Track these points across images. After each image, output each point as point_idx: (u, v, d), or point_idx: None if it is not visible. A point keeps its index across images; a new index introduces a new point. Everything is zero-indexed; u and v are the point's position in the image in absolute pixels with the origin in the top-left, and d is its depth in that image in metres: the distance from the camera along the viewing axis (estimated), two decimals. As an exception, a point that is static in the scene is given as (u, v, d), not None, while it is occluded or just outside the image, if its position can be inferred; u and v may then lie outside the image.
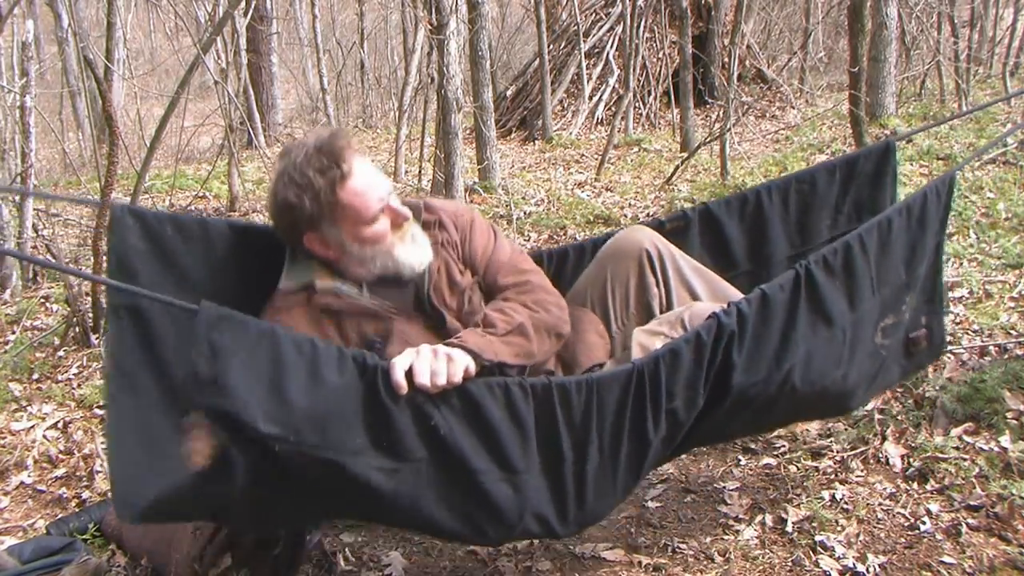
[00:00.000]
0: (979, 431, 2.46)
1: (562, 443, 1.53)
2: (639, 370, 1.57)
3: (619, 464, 1.60)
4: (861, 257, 1.76)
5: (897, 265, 1.86)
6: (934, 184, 1.93)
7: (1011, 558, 1.96)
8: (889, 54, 7.47)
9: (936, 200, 1.92)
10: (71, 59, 11.16)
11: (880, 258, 1.81)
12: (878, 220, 1.81)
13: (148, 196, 6.67)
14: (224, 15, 4.18)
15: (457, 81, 3.64)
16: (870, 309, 1.82)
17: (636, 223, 2.34)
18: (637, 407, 1.57)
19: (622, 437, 1.58)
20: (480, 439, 1.46)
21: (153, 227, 1.57)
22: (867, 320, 1.82)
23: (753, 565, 2.03)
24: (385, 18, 15.06)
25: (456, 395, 1.44)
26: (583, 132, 10.01)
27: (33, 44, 4.15)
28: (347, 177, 1.57)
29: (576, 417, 1.53)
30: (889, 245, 1.83)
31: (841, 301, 1.74)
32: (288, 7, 17.14)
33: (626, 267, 1.91)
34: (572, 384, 1.54)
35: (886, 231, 1.82)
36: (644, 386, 1.56)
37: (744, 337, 1.61)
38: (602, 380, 1.56)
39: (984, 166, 5.58)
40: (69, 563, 2.10)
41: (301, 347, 1.34)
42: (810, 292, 1.69)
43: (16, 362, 3.51)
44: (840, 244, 1.74)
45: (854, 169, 2.18)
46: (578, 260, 2.18)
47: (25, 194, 3.98)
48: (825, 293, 1.70)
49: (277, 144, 11.49)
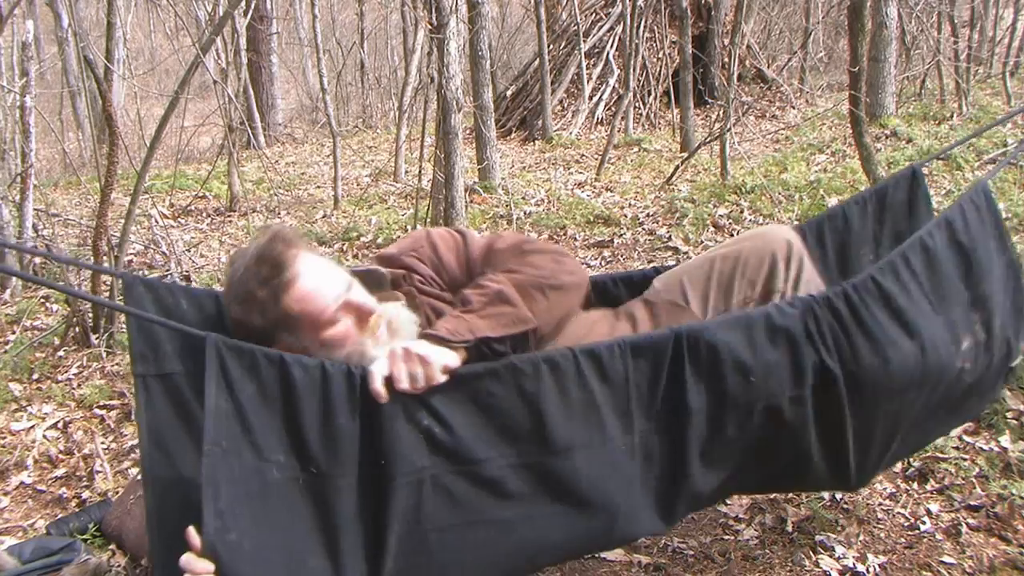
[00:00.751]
0: (979, 431, 2.46)
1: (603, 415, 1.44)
2: (678, 335, 1.49)
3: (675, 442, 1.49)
4: (909, 277, 1.67)
5: (954, 282, 1.76)
6: (968, 195, 1.85)
7: (1011, 558, 1.96)
8: (889, 54, 7.47)
9: (975, 211, 1.83)
10: (71, 59, 11.16)
11: (931, 275, 1.71)
12: (919, 236, 1.72)
13: (148, 196, 6.66)
14: (224, 15, 4.18)
15: (457, 81, 3.64)
16: (935, 328, 1.71)
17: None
18: (673, 374, 1.48)
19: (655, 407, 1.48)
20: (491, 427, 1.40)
21: (165, 300, 1.53)
22: (940, 340, 1.71)
23: (753, 565, 2.03)
24: (385, 18, 15.06)
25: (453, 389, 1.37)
26: (583, 132, 10.01)
27: (33, 44, 4.15)
28: (291, 284, 1.44)
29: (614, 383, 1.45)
30: (936, 262, 1.72)
31: (904, 318, 1.64)
32: (288, 7, 17.13)
33: (765, 250, 1.79)
34: (603, 348, 1.45)
35: (931, 247, 1.72)
36: (683, 353, 1.48)
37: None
38: (636, 343, 1.47)
39: (984, 167, 5.58)
40: (69, 563, 2.11)
41: (308, 371, 1.32)
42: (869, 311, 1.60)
43: (16, 362, 3.51)
44: (886, 263, 1.65)
45: (884, 200, 2.11)
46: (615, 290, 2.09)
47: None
48: (901, 303, 1.62)
49: (277, 144, 11.50)
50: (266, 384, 1.30)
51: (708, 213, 5.21)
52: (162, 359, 1.33)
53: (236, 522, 1.24)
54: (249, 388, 1.29)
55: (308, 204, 7.07)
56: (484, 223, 5.60)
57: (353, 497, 1.35)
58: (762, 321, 1.54)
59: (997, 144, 6.02)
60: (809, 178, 5.84)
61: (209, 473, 1.23)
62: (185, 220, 6.69)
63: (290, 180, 8.31)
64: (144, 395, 1.32)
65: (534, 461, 1.43)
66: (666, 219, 5.31)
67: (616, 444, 1.47)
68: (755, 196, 5.45)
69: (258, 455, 1.29)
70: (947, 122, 7.41)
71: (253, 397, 1.29)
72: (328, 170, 8.19)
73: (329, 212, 6.57)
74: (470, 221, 5.34)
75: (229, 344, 1.29)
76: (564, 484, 1.45)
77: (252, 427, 1.28)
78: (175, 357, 1.34)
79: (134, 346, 1.34)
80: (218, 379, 1.26)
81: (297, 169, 9.27)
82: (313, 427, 1.32)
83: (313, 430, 1.32)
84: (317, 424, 1.33)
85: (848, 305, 1.57)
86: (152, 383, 1.32)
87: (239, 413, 1.28)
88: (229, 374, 1.28)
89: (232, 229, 6.31)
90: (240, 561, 1.23)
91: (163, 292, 1.54)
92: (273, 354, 1.32)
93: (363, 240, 5.54)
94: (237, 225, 6.40)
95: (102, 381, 3.34)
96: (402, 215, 6.15)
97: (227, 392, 1.27)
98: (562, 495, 1.45)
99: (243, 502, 1.26)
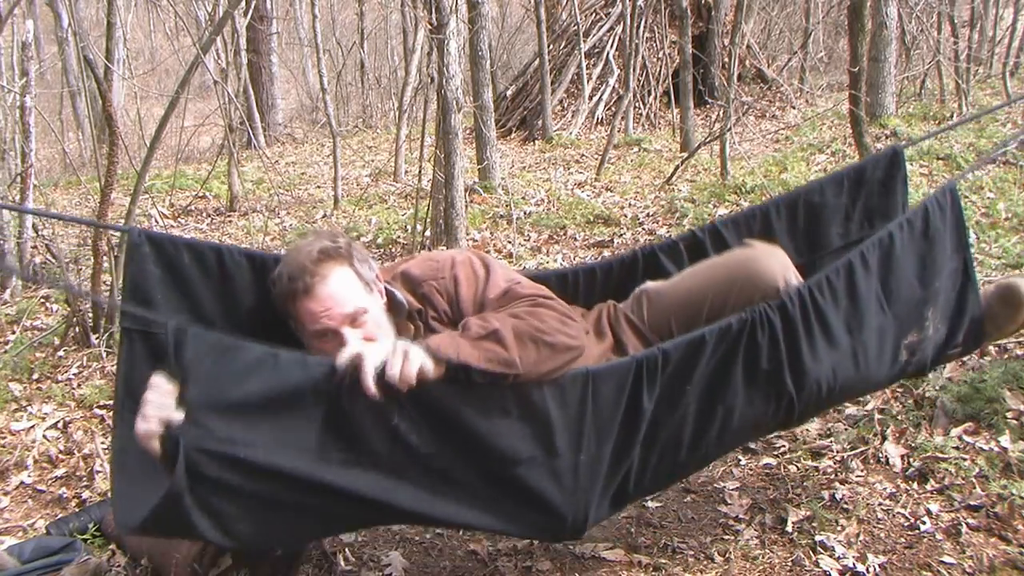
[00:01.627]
0: (979, 431, 2.46)
1: (555, 436, 1.54)
2: (638, 361, 1.58)
3: (604, 457, 1.59)
4: (863, 275, 1.76)
5: (909, 280, 1.84)
6: (934, 196, 1.92)
7: (1011, 558, 1.96)
8: (889, 54, 7.47)
9: (939, 212, 1.90)
10: (71, 59, 11.15)
11: (885, 275, 1.80)
12: (879, 236, 1.81)
13: (148, 196, 6.67)
14: (224, 15, 4.18)
15: (457, 81, 3.64)
16: (882, 326, 1.80)
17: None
18: (633, 396, 1.58)
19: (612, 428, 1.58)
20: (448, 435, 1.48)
21: (170, 253, 1.60)
22: (883, 337, 1.81)
23: (753, 565, 2.03)
24: (385, 18, 15.06)
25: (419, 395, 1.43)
26: (583, 132, 10.01)
27: (33, 44, 4.15)
28: (304, 292, 1.62)
29: (572, 410, 1.54)
30: (893, 260, 1.81)
31: (842, 322, 1.74)
32: (288, 7, 17.13)
33: (755, 294, 1.76)
34: (567, 377, 1.54)
35: (887, 246, 1.81)
36: (642, 378, 1.57)
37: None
38: (599, 373, 1.56)
39: (984, 166, 5.58)
40: (69, 563, 2.11)
41: (262, 360, 1.36)
42: (815, 314, 1.70)
43: (16, 362, 3.51)
44: (842, 264, 1.74)
45: (863, 177, 2.18)
46: (589, 282, 2.17)
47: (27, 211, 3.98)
48: (828, 315, 1.71)
49: (277, 144, 11.50)
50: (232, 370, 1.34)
51: (708, 213, 5.21)
52: (149, 317, 1.40)
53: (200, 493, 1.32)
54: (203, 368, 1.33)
55: (308, 204, 7.07)
56: (484, 223, 5.60)
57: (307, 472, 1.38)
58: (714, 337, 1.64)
59: (997, 144, 6.03)
60: (809, 178, 5.84)
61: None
62: (185, 220, 6.69)
63: (290, 180, 8.30)
64: (127, 347, 1.40)
65: (486, 469, 1.52)
66: (666, 219, 5.31)
67: (563, 460, 1.56)
68: (755, 196, 5.45)
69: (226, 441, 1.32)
70: (947, 122, 7.41)
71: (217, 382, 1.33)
72: (328, 170, 8.19)
73: (329, 212, 6.57)
74: (470, 221, 5.34)
75: (194, 333, 1.33)
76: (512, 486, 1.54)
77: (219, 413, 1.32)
78: (161, 314, 1.41)
79: (125, 300, 1.42)
80: (186, 367, 1.31)
81: (297, 169, 9.27)
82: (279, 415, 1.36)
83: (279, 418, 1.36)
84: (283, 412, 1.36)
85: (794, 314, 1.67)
86: (136, 337, 1.40)
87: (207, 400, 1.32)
88: (194, 361, 1.32)
89: (232, 229, 6.31)
90: None
91: (167, 246, 1.60)
92: (239, 343, 1.37)
93: (363, 240, 5.54)
94: (237, 225, 6.40)
95: (102, 381, 3.34)
96: (402, 215, 6.15)
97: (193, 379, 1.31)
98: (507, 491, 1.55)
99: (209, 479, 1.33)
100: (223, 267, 1.71)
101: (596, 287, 2.16)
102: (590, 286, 2.16)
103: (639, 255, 2.18)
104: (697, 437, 1.67)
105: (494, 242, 5.17)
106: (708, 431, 1.67)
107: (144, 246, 1.55)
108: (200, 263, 1.66)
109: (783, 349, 1.67)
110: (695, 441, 1.68)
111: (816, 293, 1.70)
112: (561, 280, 2.13)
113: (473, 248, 1.86)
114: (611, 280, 2.17)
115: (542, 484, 1.55)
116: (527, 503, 1.56)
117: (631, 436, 1.61)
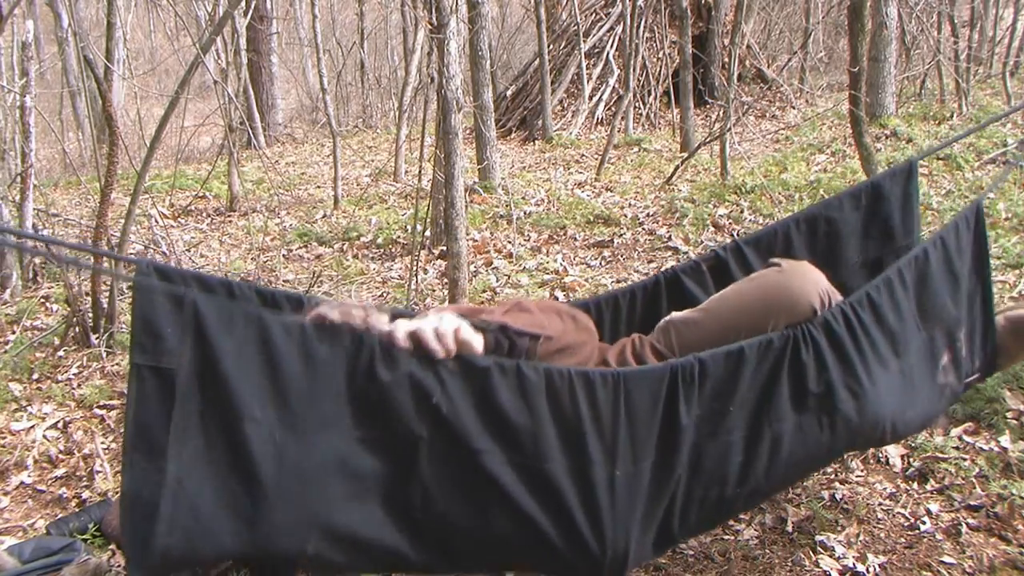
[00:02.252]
0: (979, 431, 2.46)
1: (587, 441, 1.45)
2: (673, 368, 1.50)
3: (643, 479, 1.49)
4: (902, 293, 1.72)
5: (943, 300, 1.81)
6: (963, 213, 1.90)
7: (1011, 558, 1.96)
8: (889, 54, 7.46)
9: (966, 230, 1.88)
10: (71, 59, 11.15)
11: (920, 293, 1.76)
12: (914, 254, 1.76)
13: (148, 196, 6.66)
14: (224, 15, 4.18)
15: (457, 81, 3.64)
16: (920, 347, 1.76)
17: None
18: (669, 407, 1.49)
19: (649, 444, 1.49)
20: (485, 419, 1.42)
21: (177, 286, 1.54)
22: (921, 358, 1.77)
23: (753, 565, 2.03)
24: (385, 18, 15.06)
25: (460, 369, 1.40)
26: (583, 132, 10.01)
27: (33, 44, 4.15)
28: None
29: (604, 414, 1.46)
30: (929, 279, 1.77)
31: (887, 342, 1.69)
32: (288, 7, 17.13)
33: (790, 320, 1.68)
34: (597, 376, 1.46)
35: (923, 264, 1.77)
36: (677, 387, 1.48)
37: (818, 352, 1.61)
38: (630, 375, 1.49)
39: (984, 166, 5.58)
40: (69, 563, 2.10)
41: (290, 330, 1.34)
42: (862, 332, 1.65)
43: (16, 362, 3.51)
44: (881, 280, 1.69)
45: (880, 192, 2.15)
46: (613, 314, 2.13)
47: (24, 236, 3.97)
48: (873, 334, 1.66)
49: (277, 144, 11.50)
50: (244, 341, 1.32)
51: (708, 213, 5.21)
52: (160, 352, 1.34)
53: (198, 471, 1.30)
54: (226, 344, 1.31)
55: (308, 204, 7.07)
56: (484, 223, 5.60)
57: (331, 452, 1.37)
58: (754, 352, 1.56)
59: (997, 144, 6.02)
60: (809, 178, 5.84)
61: (179, 425, 1.29)
62: (185, 220, 6.69)
63: (290, 180, 8.30)
64: (137, 384, 1.35)
65: (520, 463, 1.44)
66: (666, 219, 5.31)
67: (598, 472, 1.47)
68: (755, 196, 5.45)
69: (231, 411, 1.31)
70: (947, 122, 7.41)
71: (230, 354, 1.31)
72: (328, 170, 8.18)
73: (329, 212, 6.57)
74: (470, 221, 5.34)
75: (209, 300, 1.31)
76: (546, 489, 1.46)
77: (227, 383, 1.31)
78: (174, 353, 1.35)
79: (135, 335, 1.36)
80: (195, 334, 1.29)
81: (297, 169, 9.27)
82: (291, 386, 1.34)
83: (291, 389, 1.34)
84: (296, 382, 1.34)
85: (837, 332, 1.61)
86: (146, 374, 1.34)
87: (214, 369, 1.30)
88: (205, 329, 1.30)
89: (232, 229, 6.31)
90: (196, 505, 1.29)
91: (175, 279, 1.59)
92: (252, 312, 1.35)
93: (363, 240, 5.54)
94: (237, 225, 6.40)
95: (102, 381, 3.34)
96: (402, 215, 6.15)
97: (202, 347, 1.29)
98: (539, 498, 1.46)
99: (209, 453, 1.30)
100: (232, 300, 1.68)
101: (621, 318, 2.11)
102: (615, 318, 2.10)
103: (661, 280, 2.12)
104: (746, 468, 1.57)
105: (494, 242, 5.17)
106: (757, 461, 1.57)
107: (153, 278, 1.52)
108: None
109: (831, 369, 1.59)
110: (744, 472, 1.57)
111: (860, 310, 1.63)
112: (584, 312, 2.10)
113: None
114: (635, 309, 2.12)
115: (577, 494, 1.46)
116: (561, 517, 1.46)
117: (671, 457, 1.52)
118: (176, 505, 1.29)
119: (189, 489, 1.29)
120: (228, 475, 1.33)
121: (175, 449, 1.29)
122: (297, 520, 1.38)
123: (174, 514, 1.28)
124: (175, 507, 1.29)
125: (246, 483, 1.33)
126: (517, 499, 1.44)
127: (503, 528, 1.46)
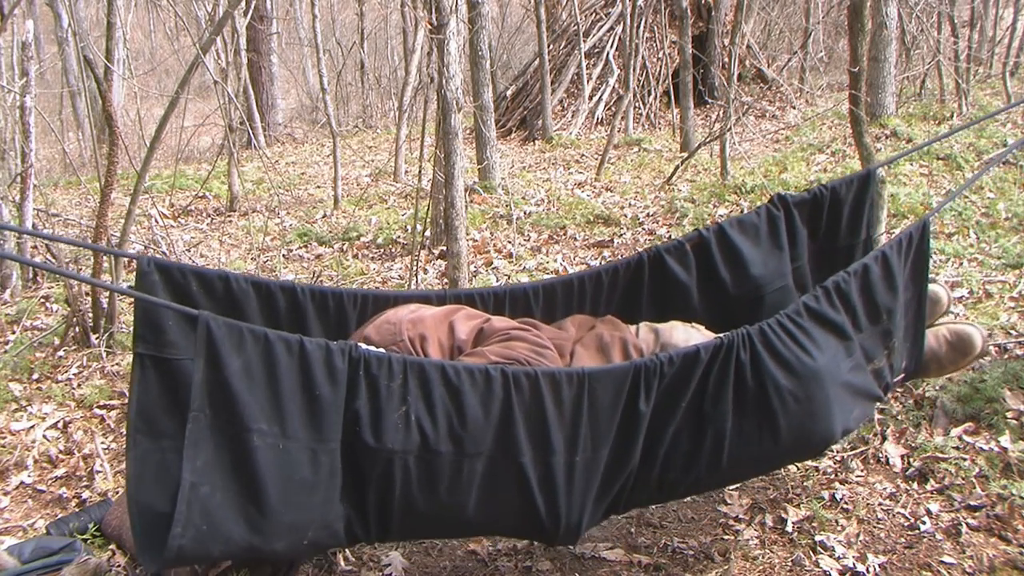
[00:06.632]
0: (979, 431, 2.46)
1: (551, 434, 1.57)
2: (637, 367, 1.60)
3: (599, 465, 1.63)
4: (840, 302, 1.81)
5: (878, 309, 1.89)
6: (909, 230, 1.97)
7: (1011, 558, 1.96)
8: (889, 54, 7.45)
9: (909, 245, 1.95)
10: (71, 59, 11.15)
11: (863, 300, 1.84)
12: (856, 267, 1.85)
13: (148, 196, 6.66)
14: (224, 15, 4.18)
15: (457, 81, 3.63)
16: (854, 351, 1.84)
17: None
18: (631, 400, 1.61)
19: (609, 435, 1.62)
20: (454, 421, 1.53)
21: (178, 281, 1.68)
22: (856, 362, 1.85)
23: (753, 565, 2.03)
24: (385, 18, 15.04)
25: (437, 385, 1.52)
26: (583, 132, 10.00)
27: (33, 44, 4.15)
28: None
29: (567, 410, 1.58)
30: (870, 289, 1.86)
31: (818, 344, 1.77)
32: (288, 7, 17.12)
33: None
34: (563, 375, 1.58)
35: (863, 276, 1.85)
36: (639, 383, 1.60)
37: None
38: (595, 374, 1.60)
39: (984, 166, 5.57)
40: (69, 563, 2.11)
41: (290, 347, 1.43)
42: (798, 331, 1.74)
43: (16, 362, 3.51)
44: (820, 289, 1.79)
45: (837, 195, 2.25)
46: (595, 289, 2.18)
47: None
48: (805, 337, 1.75)
49: (277, 144, 11.49)
50: (251, 358, 1.41)
51: (708, 213, 5.21)
52: (162, 343, 1.42)
53: (210, 478, 1.39)
54: (235, 362, 1.39)
55: (308, 204, 7.07)
56: (484, 223, 5.60)
57: (329, 461, 1.48)
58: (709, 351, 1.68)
59: (997, 144, 6.02)
60: (809, 178, 5.84)
61: (192, 436, 1.38)
62: (185, 220, 6.68)
63: (290, 180, 8.30)
64: (139, 371, 1.42)
65: (489, 457, 1.57)
66: (666, 219, 5.31)
67: (558, 459, 1.60)
68: (755, 196, 5.45)
69: (240, 423, 1.40)
70: (947, 122, 7.40)
71: (238, 371, 1.39)
72: (328, 170, 8.18)
73: (329, 212, 6.57)
74: (470, 221, 5.34)
75: (218, 321, 1.39)
76: (511, 477, 1.59)
77: (236, 398, 1.39)
78: (175, 344, 1.42)
79: (137, 326, 1.43)
80: (207, 353, 1.37)
81: (297, 169, 9.27)
82: (294, 399, 1.44)
83: (294, 402, 1.44)
84: (298, 396, 1.44)
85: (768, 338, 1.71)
86: (148, 363, 1.42)
87: (224, 385, 1.39)
88: (217, 349, 1.38)
89: (232, 229, 6.31)
90: (209, 509, 1.39)
91: (175, 274, 1.67)
92: (258, 331, 1.43)
93: (363, 240, 5.54)
94: (237, 225, 6.40)
95: (102, 381, 3.34)
96: (402, 215, 6.15)
97: (214, 365, 1.38)
98: (503, 484, 1.59)
99: (220, 462, 1.40)
100: (230, 294, 1.79)
101: (603, 293, 2.17)
102: (597, 292, 2.17)
103: (644, 258, 2.18)
104: (689, 458, 1.70)
105: (494, 242, 5.17)
106: (699, 454, 1.70)
107: (153, 274, 1.63)
108: (208, 290, 1.73)
109: (766, 368, 1.68)
110: (687, 462, 1.70)
111: (795, 317, 1.74)
112: (567, 287, 2.13)
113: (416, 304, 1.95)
114: (617, 285, 2.17)
115: (539, 481, 1.59)
116: (523, 498, 1.60)
117: (628, 444, 1.64)
118: (191, 508, 1.37)
119: (202, 494, 1.38)
120: (237, 482, 1.41)
121: (190, 458, 1.37)
122: (298, 521, 1.47)
123: (188, 516, 1.37)
124: (189, 510, 1.37)
125: (253, 490, 1.42)
126: (485, 488, 1.57)
127: (472, 514, 1.60)
